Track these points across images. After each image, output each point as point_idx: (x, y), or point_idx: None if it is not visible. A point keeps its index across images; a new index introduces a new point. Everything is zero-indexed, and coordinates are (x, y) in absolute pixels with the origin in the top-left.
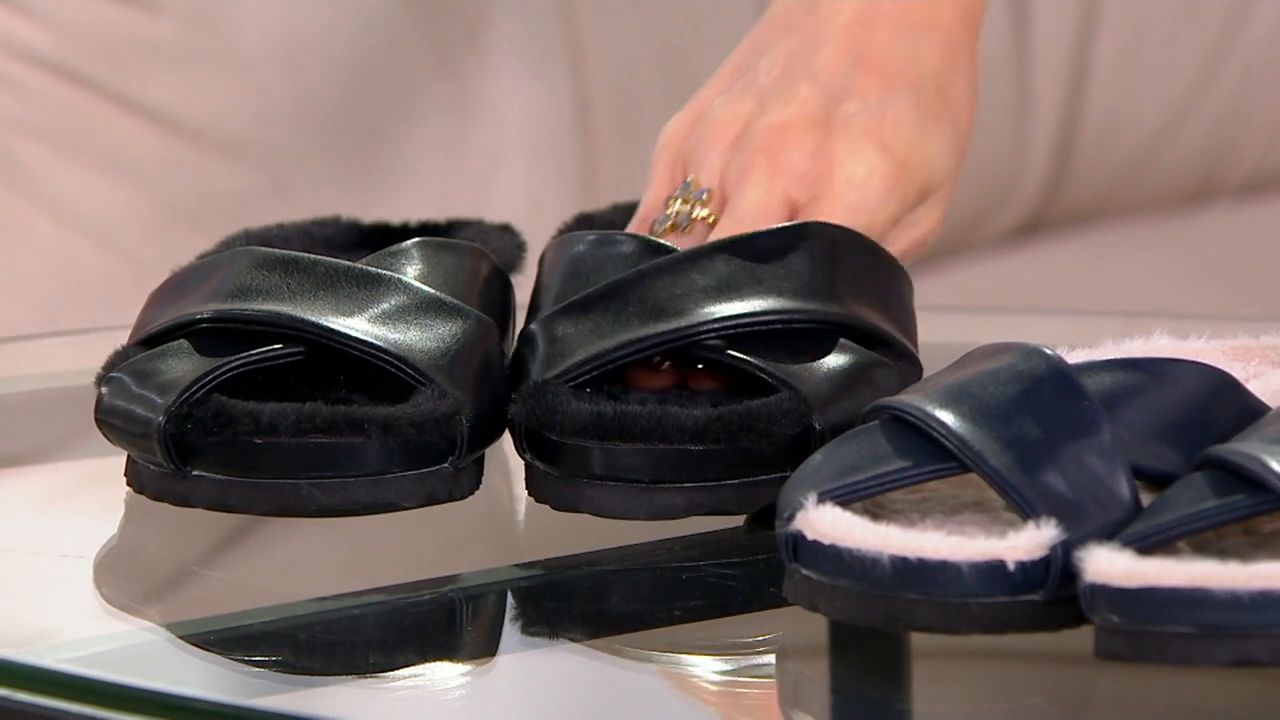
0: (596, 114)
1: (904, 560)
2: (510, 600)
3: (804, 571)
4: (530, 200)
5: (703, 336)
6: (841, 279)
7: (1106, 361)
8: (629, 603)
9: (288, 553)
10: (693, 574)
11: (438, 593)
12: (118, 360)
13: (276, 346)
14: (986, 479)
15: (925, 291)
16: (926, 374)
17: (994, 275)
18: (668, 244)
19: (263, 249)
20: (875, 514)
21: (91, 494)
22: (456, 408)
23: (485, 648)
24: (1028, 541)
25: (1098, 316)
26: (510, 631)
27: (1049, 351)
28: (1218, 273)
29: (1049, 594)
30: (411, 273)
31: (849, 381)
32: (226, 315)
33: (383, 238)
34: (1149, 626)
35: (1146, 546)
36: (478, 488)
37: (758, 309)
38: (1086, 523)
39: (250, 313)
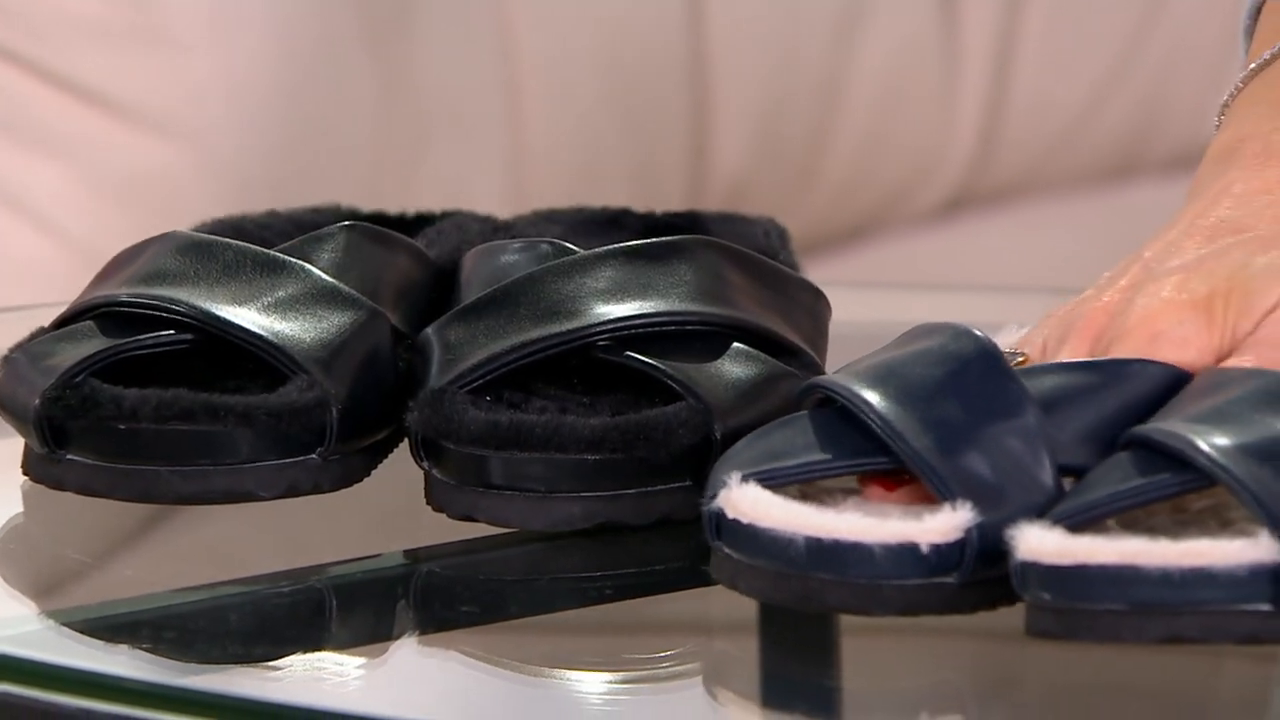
0: (526, 90)
1: (818, 541)
2: (401, 588)
3: (725, 550)
4: (459, 176)
5: (597, 338)
6: (735, 286)
7: (1059, 365)
8: (527, 587)
9: (189, 541)
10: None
11: (316, 581)
12: (27, 340)
13: (169, 332)
14: (906, 460)
15: (850, 268)
16: (848, 355)
17: (919, 251)
18: (575, 248)
19: (185, 232)
20: (805, 495)
21: None
22: (323, 399)
23: (375, 634)
24: (942, 524)
25: (1023, 293)
26: (400, 619)
27: (978, 333)
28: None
29: (964, 577)
30: (326, 260)
31: (751, 391)
32: (117, 300)
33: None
34: (1080, 604)
35: (1076, 524)
36: (361, 479)
37: (651, 310)
38: (1005, 506)
39: (141, 298)
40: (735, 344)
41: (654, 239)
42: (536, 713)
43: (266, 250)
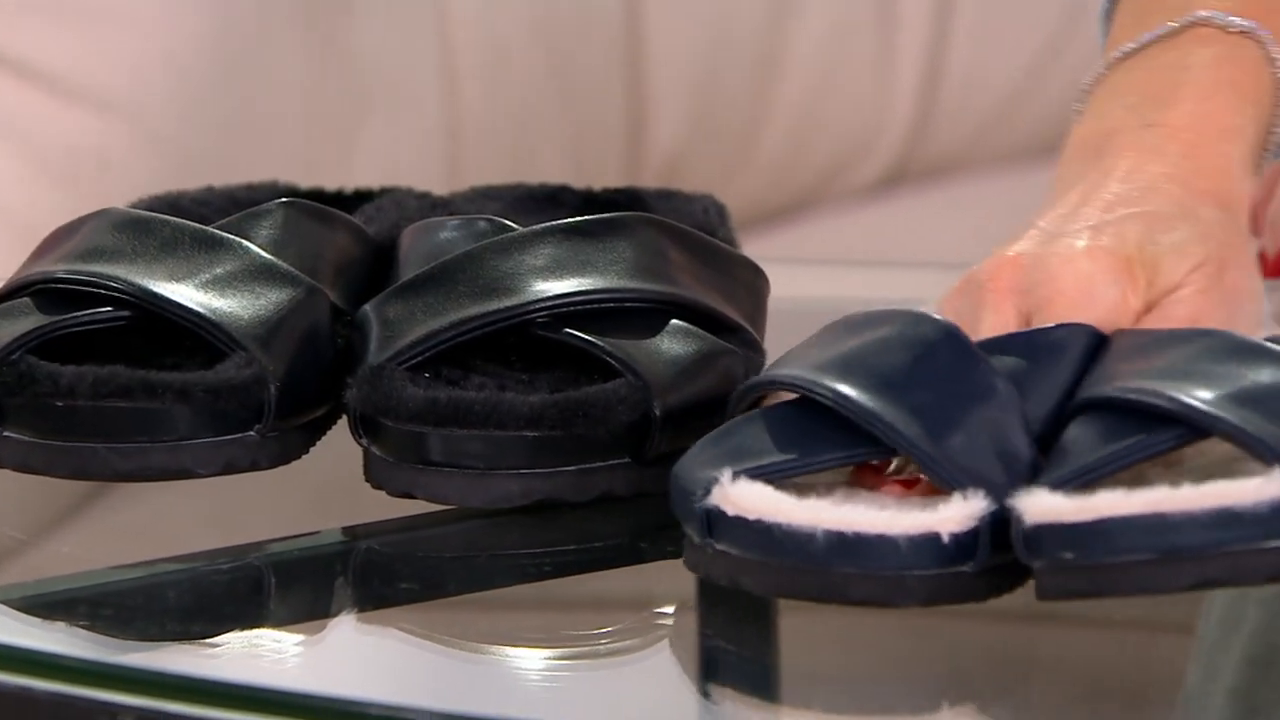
0: (462, 66)
1: (840, 534)
2: (339, 565)
3: (720, 547)
4: (395, 151)
5: (536, 315)
6: (674, 263)
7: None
8: (466, 564)
9: (127, 518)
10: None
11: (255, 558)
12: None
13: (107, 309)
14: (914, 455)
15: (787, 244)
16: (787, 331)
17: (856, 227)
18: (514, 225)
19: (121, 209)
20: (797, 490)
21: None
22: (260, 375)
23: (313, 611)
24: (959, 513)
25: (960, 269)
26: (339, 596)
27: (937, 316)
28: None
29: (979, 564)
30: (264, 237)
31: (690, 367)
32: (54, 277)
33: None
34: (1106, 559)
35: (1076, 488)
36: (299, 456)
37: (590, 287)
38: (1007, 489)
39: (78, 274)
40: (674, 321)
41: (593, 216)
42: (476, 689)
43: (204, 227)
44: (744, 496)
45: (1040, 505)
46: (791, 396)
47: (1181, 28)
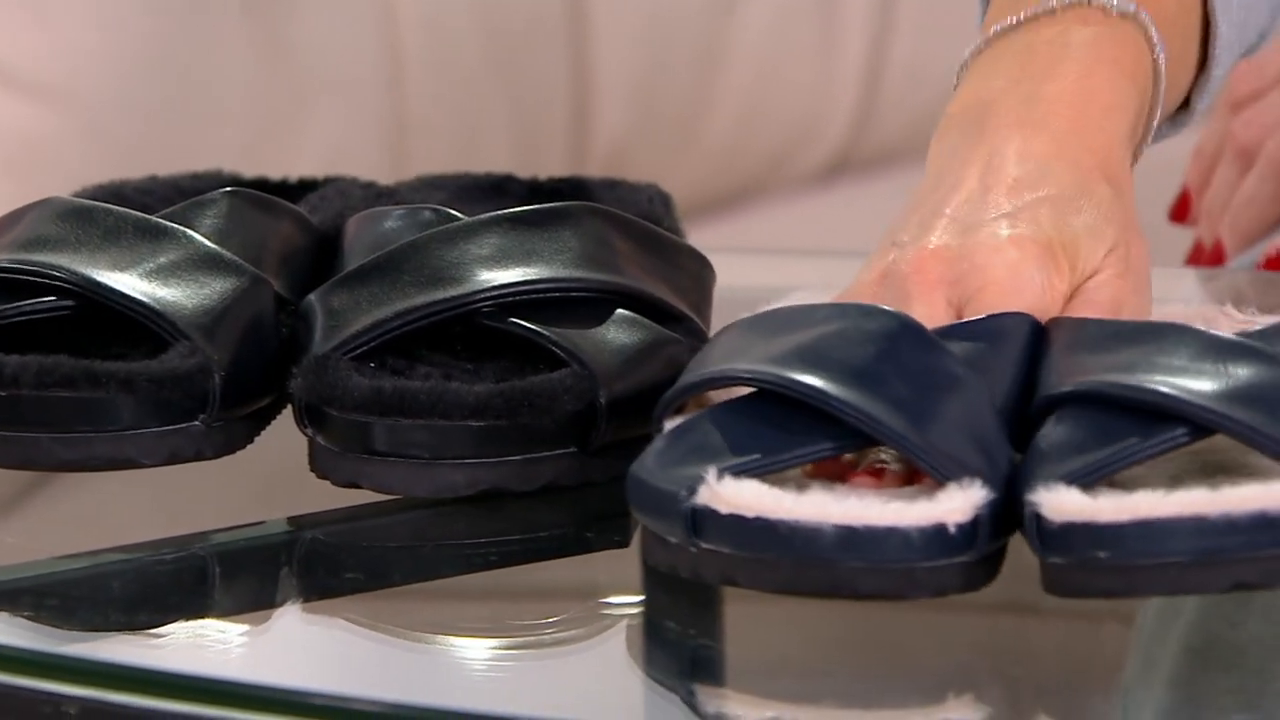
0: (406, 55)
1: (850, 528)
2: (284, 555)
3: (708, 546)
4: (339, 140)
5: (481, 304)
6: (620, 252)
7: (956, 327)
8: (412, 554)
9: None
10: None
11: (199, 548)
12: None
13: (50, 298)
14: (905, 449)
15: (731, 233)
16: (732, 321)
17: (800, 216)
18: (459, 214)
19: (64, 198)
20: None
21: None
22: (204, 365)
23: (258, 602)
24: (961, 503)
25: None
26: (284, 586)
27: (891, 310)
28: None
29: (979, 553)
30: (208, 226)
31: (635, 357)
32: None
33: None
34: (1141, 560)
35: (1088, 484)
36: (244, 446)
37: (535, 276)
38: (993, 479)
39: (21, 264)
40: (620, 310)
41: (538, 205)
42: (421, 679)
43: (148, 216)
44: (739, 494)
45: (1069, 503)
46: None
47: (1062, 7)
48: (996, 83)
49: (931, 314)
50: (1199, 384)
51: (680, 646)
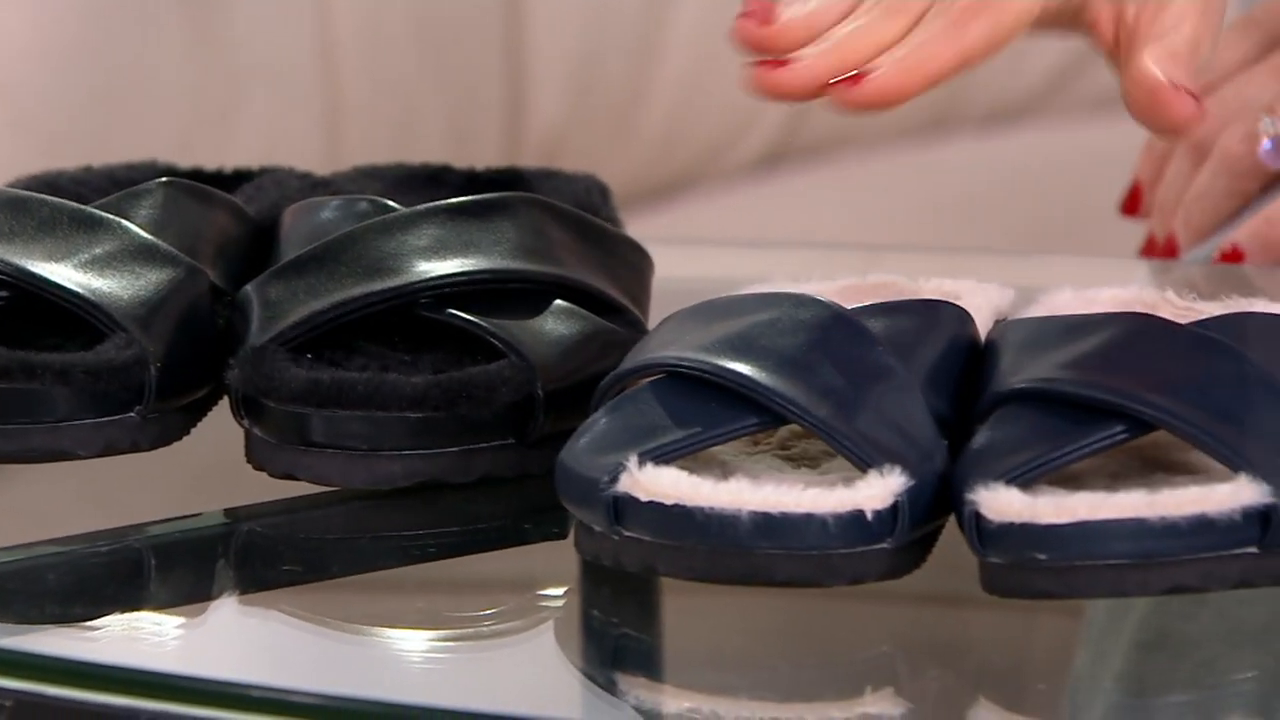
0: (340, 44)
1: (766, 515)
2: (221, 547)
3: (630, 533)
4: (274, 130)
5: (419, 295)
6: (558, 243)
7: (876, 307)
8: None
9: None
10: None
11: (135, 540)
12: None
13: None
14: (823, 435)
15: (669, 224)
16: (670, 311)
17: (737, 207)
18: (395, 205)
19: None
20: (690, 470)
21: None
22: (140, 356)
23: (194, 594)
24: (880, 490)
25: (840, 249)
26: (220, 578)
27: (823, 299)
28: (958, 204)
29: (898, 541)
30: (143, 217)
31: (573, 348)
32: None
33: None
34: (1080, 561)
35: (1026, 483)
36: (180, 437)
37: (473, 267)
38: (920, 466)
39: None
40: (558, 301)
41: (476, 196)
42: (358, 672)
43: (83, 206)
44: (658, 481)
45: (1009, 503)
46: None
47: None
48: None
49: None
50: (1142, 380)
51: (614, 638)
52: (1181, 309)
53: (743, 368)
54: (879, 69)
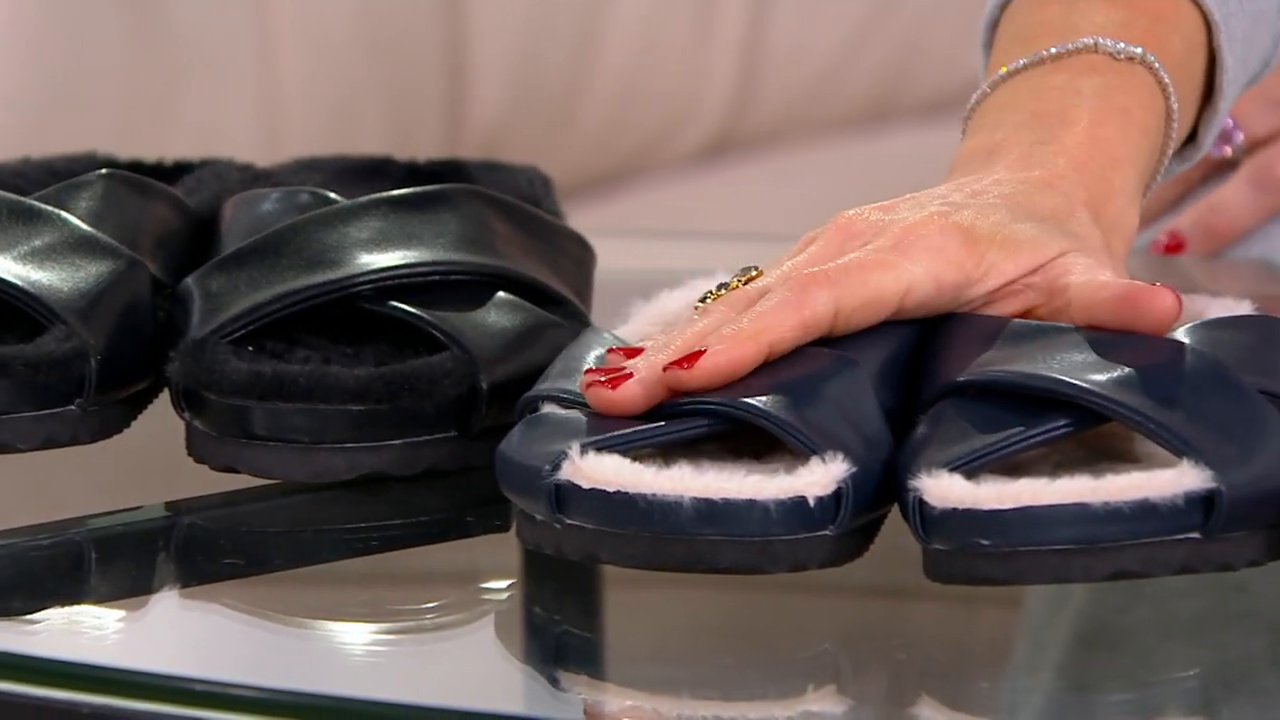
0: (280, 35)
1: (708, 502)
2: (162, 540)
3: (572, 521)
4: (213, 123)
5: (361, 287)
6: (500, 235)
7: None
8: (291, 539)
9: None
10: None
11: (75, 534)
12: None
13: None
14: (766, 422)
15: (610, 215)
16: (613, 304)
17: (678, 197)
18: (337, 197)
19: None
20: (632, 458)
21: None
22: (80, 349)
23: (135, 588)
24: (822, 476)
25: (782, 240)
26: (161, 571)
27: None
28: (900, 195)
29: (840, 528)
30: (83, 209)
31: (516, 340)
32: None
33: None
34: (1023, 546)
35: (971, 471)
36: (120, 430)
37: (415, 260)
38: (864, 454)
39: None
40: (500, 294)
41: (418, 188)
42: (300, 665)
43: (22, 198)
44: (600, 469)
45: (952, 489)
46: None
47: (1067, 53)
48: (1006, 126)
49: (824, 253)
50: (1088, 372)
51: (557, 633)
52: None
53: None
54: (715, 344)
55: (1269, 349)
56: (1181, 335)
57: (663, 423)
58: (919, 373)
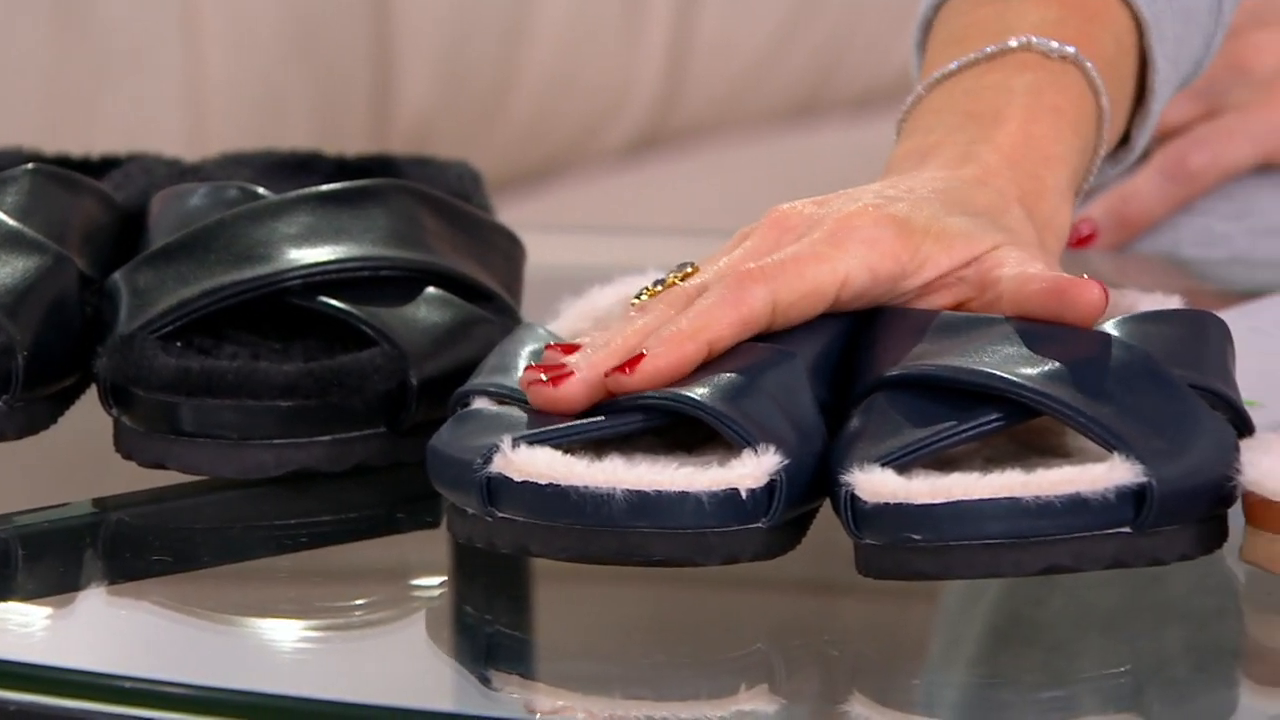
0: (205, 29)
1: (640, 494)
2: (89, 537)
3: (503, 514)
4: (138, 117)
5: (289, 283)
6: (429, 231)
7: None
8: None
9: None
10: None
11: (1, 530)
12: None
13: None
14: (702, 413)
15: (539, 210)
16: (543, 299)
17: (607, 192)
18: (265, 192)
19: None
20: (564, 450)
21: None
22: (7, 345)
23: (62, 584)
24: (755, 469)
25: (712, 235)
26: (88, 568)
27: None
28: (830, 190)
29: (773, 520)
30: (9, 204)
31: (446, 336)
32: None
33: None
34: (954, 541)
35: (903, 466)
36: (47, 426)
37: (344, 255)
38: (797, 446)
39: None
40: (430, 289)
41: (347, 184)
42: (229, 662)
43: None
44: (532, 461)
45: (883, 484)
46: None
47: (1000, 52)
48: (939, 130)
49: (760, 248)
50: (1020, 366)
51: (487, 630)
52: None
53: None
54: (654, 347)
55: (1199, 343)
56: (1112, 328)
57: (599, 418)
58: (852, 365)
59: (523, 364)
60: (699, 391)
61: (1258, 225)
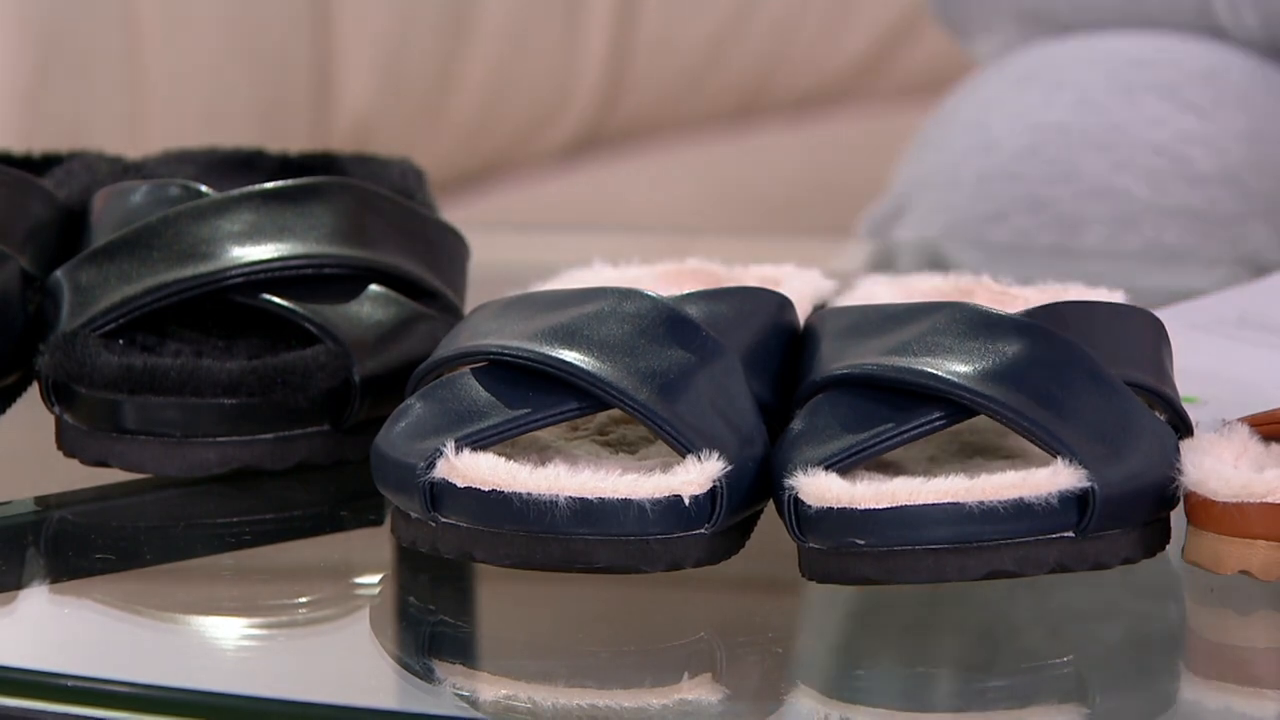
0: (145, 25)
1: (583, 500)
2: (31, 535)
3: (447, 520)
4: (78, 114)
5: (233, 281)
6: (372, 229)
7: (700, 294)
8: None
9: None
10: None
11: None
12: None
13: None
14: (643, 419)
15: (481, 209)
16: (485, 296)
17: (548, 191)
18: (207, 190)
19: None
20: (508, 456)
21: None
22: None
23: (3, 583)
24: (698, 475)
25: (653, 233)
26: (30, 567)
27: (650, 292)
28: (770, 189)
29: (715, 526)
30: None
31: (389, 333)
32: None
33: None
34: (898, 546)
35: (845, 468)
36: None
37: (287, 253)
38: (739, 451)
39: None
40: (374, 287)
41: (291, 181)
42: (172, 661)
43: None
44: (475, 467)
45: (827, 488)
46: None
47: None
48: None
49: None
50: (962, 365)
51: (431, 626)
52: (998, 294)
53: (564, 353)
54: None
55: (1139, 339)
56: (1044, 317)
57: (533, 411)
58: (794, 365)
59: (492, 326)
60: (642, 393)
61: None
